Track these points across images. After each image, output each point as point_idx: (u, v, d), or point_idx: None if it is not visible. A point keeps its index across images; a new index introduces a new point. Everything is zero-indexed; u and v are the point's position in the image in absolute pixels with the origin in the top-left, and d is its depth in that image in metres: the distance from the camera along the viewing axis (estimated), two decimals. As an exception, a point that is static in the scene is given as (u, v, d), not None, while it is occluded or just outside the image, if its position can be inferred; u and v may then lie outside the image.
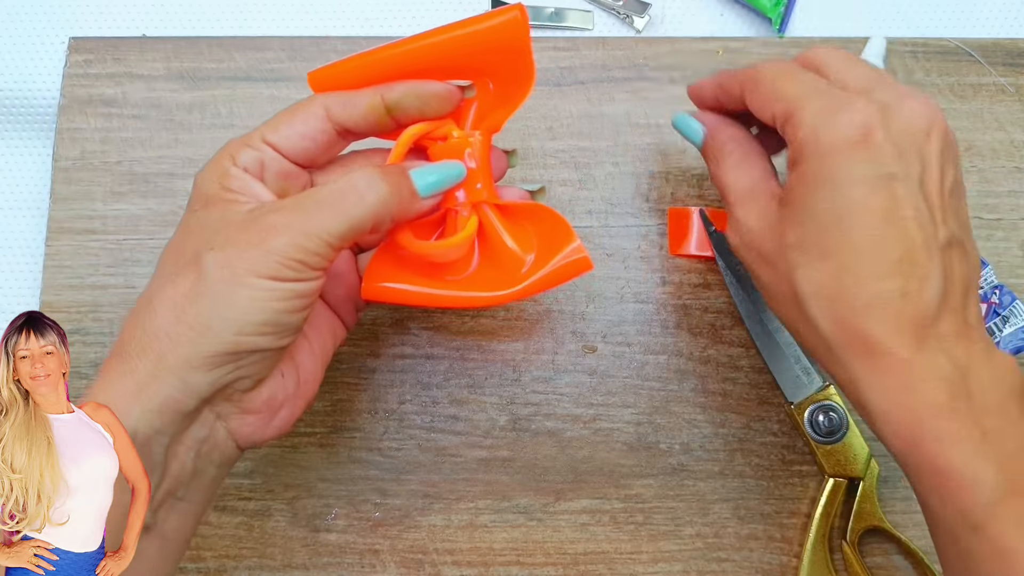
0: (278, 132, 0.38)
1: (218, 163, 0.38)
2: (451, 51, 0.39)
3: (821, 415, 0.47)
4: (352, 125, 0.39)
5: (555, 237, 0.41)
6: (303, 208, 0.35)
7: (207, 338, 0.34)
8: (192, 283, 0.34)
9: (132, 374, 0.34)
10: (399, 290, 0.41)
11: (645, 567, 0.48)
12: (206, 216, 0.37)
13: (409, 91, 0.39)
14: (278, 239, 0.34)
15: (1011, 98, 0.52)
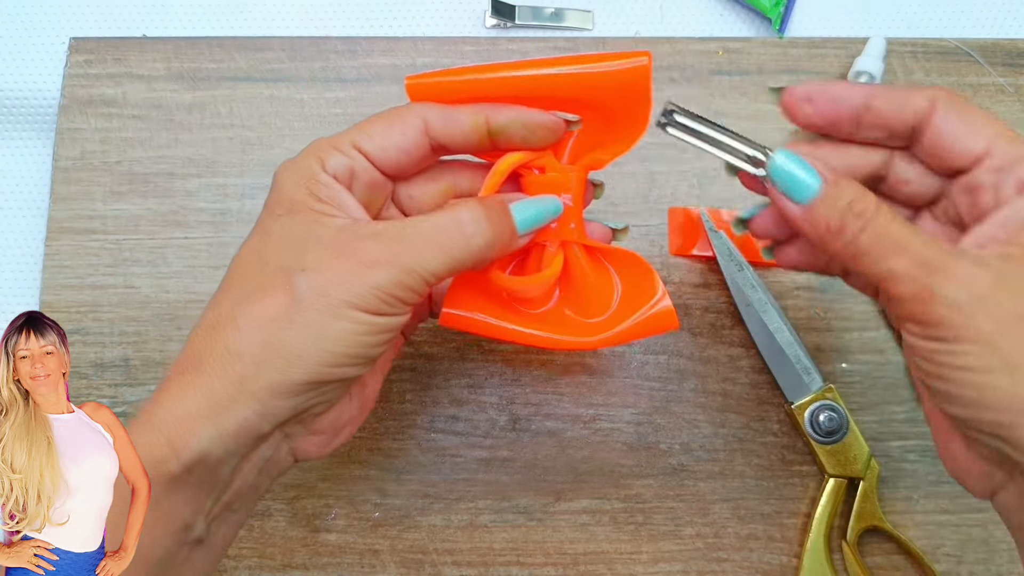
0: (373, 140, 0.36)
1: (306, 166, 0.36)
2: (568, 85, 0.37)
3: (821, 415, 0.47)
4: (449, 142, 0.37)
5: (640, 286, 0.40)
6: (406, 241, 0.34)
7: (296, 367, 0.33)
8: (283, 306, 0.33)
9: (208, 393, 0.33)
10: (479, 321, 0.39)
11: (645, 567, 0.48)
12: (291, 225, 0.35)
13: (517, 119, 0.37)
14: (379, 273, 0.33)
15: (1011, 98, 0.52)
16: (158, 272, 0.50)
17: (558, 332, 0.40)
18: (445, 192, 0.40)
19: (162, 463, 0.32)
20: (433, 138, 0.37)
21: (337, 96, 0.52)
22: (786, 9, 0.53)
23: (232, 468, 0.35)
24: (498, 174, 0.38)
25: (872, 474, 0.47)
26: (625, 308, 0.40)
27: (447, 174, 0.40)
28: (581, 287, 0.40)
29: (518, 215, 0.37)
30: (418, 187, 0.39)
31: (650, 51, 0.37)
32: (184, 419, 0.33)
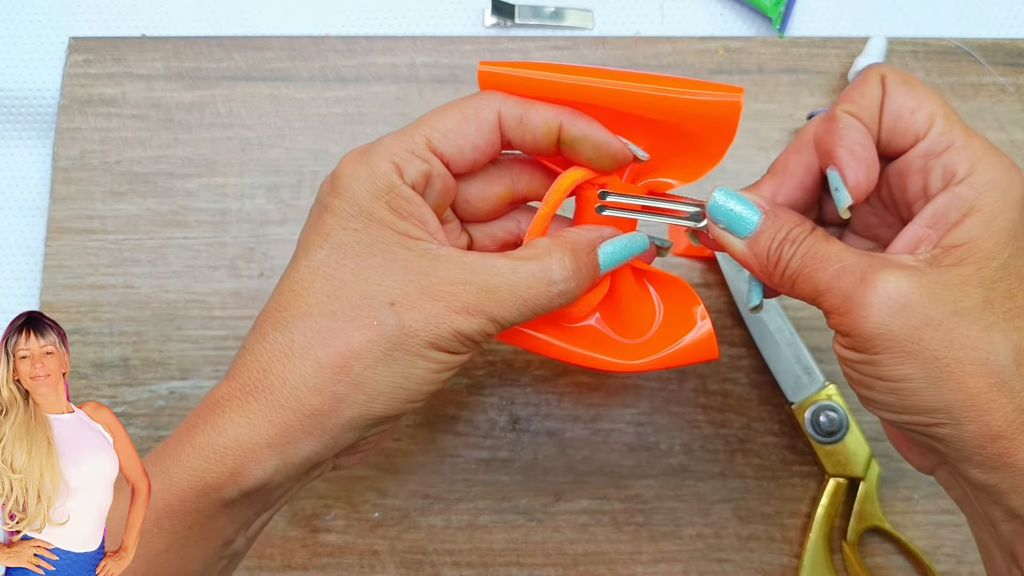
0: (448, 140, 0.34)
1: (381, 173, 0.33)
2: (653, 105, 0.35)
3: (822, 415, 0.47)
4: (518, 143, 0.36)
5: (681, 309, 0.39)
6: (495, 293, 0.33)
7: (378, 403, 0.33)
8: (369, 344, 0.32)
9: (280, 425, 0.32)
10: (525, 335, 0.38)
11: (645, 568, 0.48)
12: (370, 244, 0.33)
13: (590, 137, 0.35)
14: (466, 321, 0.33)
15: (1011, 98, 0.52)
16: (158, 272, 0.50)
17: (597, 350, 0.39)
18: (503, 196, 0.38)
19: (221, 490, 0.32)
20: (504, 135, 0.35)
21: (337, 95, 0.52)
22: (787, 8, 0.53)
23: (284, 491, 0.34)
24: (559, 192, 0.37)
25: (872, 474, 0.47)
26: (666, 332, 0.39)
27: (505, 176, 0.38)
28: (623, 307, 0.39)
29: (604, 252, 0.36)
30: (476, 190, 0.37)
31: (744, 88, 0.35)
32: (250, 449, 0.32)
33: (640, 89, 0.35)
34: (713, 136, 0.36)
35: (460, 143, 0.34)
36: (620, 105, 0.35)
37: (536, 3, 0.54)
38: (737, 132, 0.35)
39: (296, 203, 0.51)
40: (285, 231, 0.50)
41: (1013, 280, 0.32)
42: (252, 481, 0.32)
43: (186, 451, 0.32)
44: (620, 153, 0.36)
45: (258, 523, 0.35)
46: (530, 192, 0.38)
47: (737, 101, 0.35)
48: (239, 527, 0.34)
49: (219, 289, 0.50)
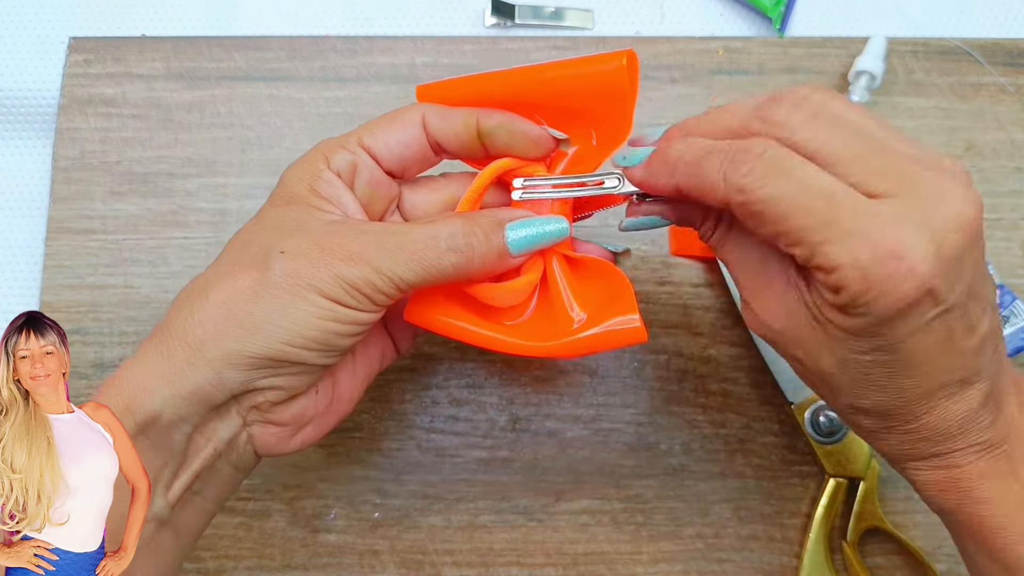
0: (375, 136, 0.38)
1: (311, 163, 0.38)
2: (552, 87, 0.37)
3: (821, 415, 0.47)
4: (445, 142, 0.39)
5: (614, 301, 0.38)
6: (384, 246, 0.35)
7: (255, 339, 0.34)
8: (254, 281, 0.34)
9: (169, 357, 0.34)
10: (445, 322, 0.39)
11: (645, 568, 0.48)
12: (285, 214, 0.37)
13: (503, 124, 0.38)
14: (350, 268, 0.34)
15: (1011, 98, 0.52)
16: (158, 272, 0.50)
17: (524, 338, 0.38)
18: (447, 202, 0.40)
19: None
20: (431, 135, 0.39)
21: (336, 95, 0.52)
22: (787, 8, 0.53)
23: (185, 436, 0.35)
24: (483, 178, 0.39)
25: (872, 474, 0.47)
26: (593, 320, 0.38)
27: (451, 185, 0.41)
28: (554, 298, 0.38)
29: (513, 234, 0.37)
30: (422, 196, 0.40)
31: (634, 50, 0.37)
32: (142, 379, 0.34)
33: (537, 74, 0.37)
34: (614, 104, 0.37)
35: (386, 139, 0.38)
36: (529, 94, 0.38)
37: (536, 3, 0.54)
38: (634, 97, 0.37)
39: (296, 203, 0.51)
40: (285, 231, 0.50)
41: None
42: (144, 411, 0.33)
43: (100, 392, 0.34)
44: (536, 134, 0.38)
45: (178, 486, 0.35)
46: None
47: (618, 65, 0.36)
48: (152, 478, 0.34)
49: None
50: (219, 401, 0.35)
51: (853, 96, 0.50)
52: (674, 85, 0.52)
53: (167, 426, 0.34)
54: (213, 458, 0.36)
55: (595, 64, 0.36)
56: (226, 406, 0.36)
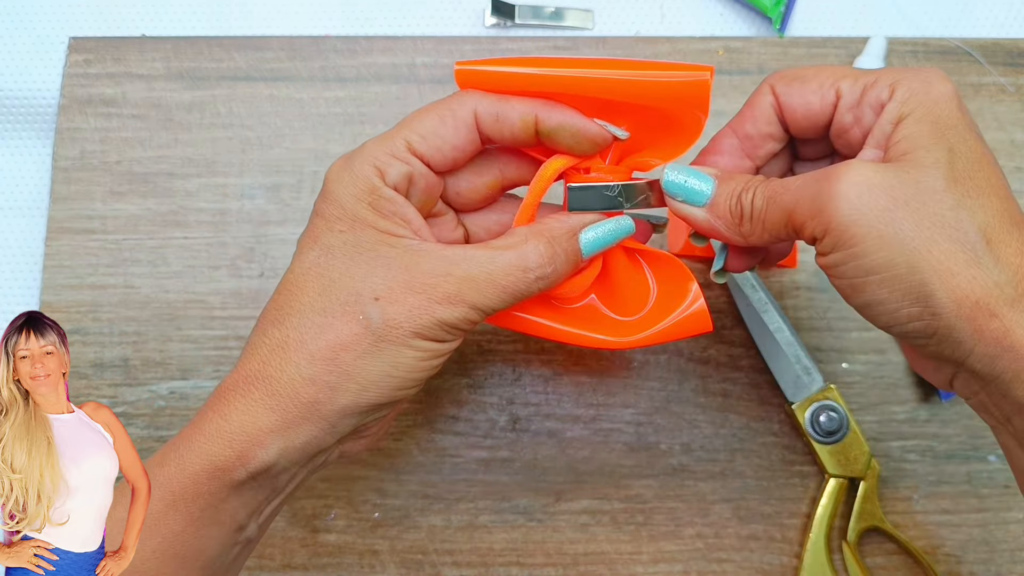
0: (427, 141, 0.36)
1: (364, 178, 0.35)
2: (626, 90, 0.36)
3: (822, 415, 0.47)
4: (499, 139, 0.37)
5: (675, 286, 0.40)
6: (477, 283, 0.35)
7: (369, 392, 0.35)
8: (357, 336, 0.34)
9: (279, 411, 0.34)
10: (516, 317, 0.39)
11: (645, 568, 0.48)
12: (355, 243, 0.35)
13: (567, 125, 0.36)
14: (448, 310, 0.34)
15: (1011, 98, 0.52)
16: (158, 272, 0.50)
17: (592, 330, 0.40)
18: (492, 185, 0.39)
19: (230, 471, 0.34)
20: (483, 133, 0.37)
21: (337, 95, 0.52)
22: (787, 8, 0.53)
23: (291, 476, 0.36)
24: (543, 180, 0.38)
25: (872, 474, 0.47)
26: (660, 309, 0.39)
27: (493, 165, 0.39)
28: (617, 286, 0.40)
29: (586, 240, 0.37)
30: (465, 181, 0.39)
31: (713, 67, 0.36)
32: (254, 433, 0.34)
33: (610, 75, 0.36)
34: (687, 114, 0.37)
35: (439, 144, 0.36)
36: (593, 92, 0.36)
37: (536, 3, 0.54)
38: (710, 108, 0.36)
39: (296, 203, 0.51)
40: (285, 231, 0.50)
41: (965, 162, 0.33)
42: (257, 463, 0.34)
43: (197, 438, 0.34)
44: (599, 136, 0.37)
45: (268, 509, 0.37)
46: (519, 178, 0.40)
47: (704, 79, 0.36)
48: (250, 512, 0.36)
49: (219, 289, 0.50)
50: (329, 444, 0.36)
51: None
52: (674, 85, 0.52)
53: (278, 472, 0.35)
54: (305, 478, 0.38)
55: (678, 72, 0.36)
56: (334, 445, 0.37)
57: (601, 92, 0.36)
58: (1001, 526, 0.48)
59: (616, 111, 0.37)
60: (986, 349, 0.32)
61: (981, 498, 0.49)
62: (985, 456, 0.49)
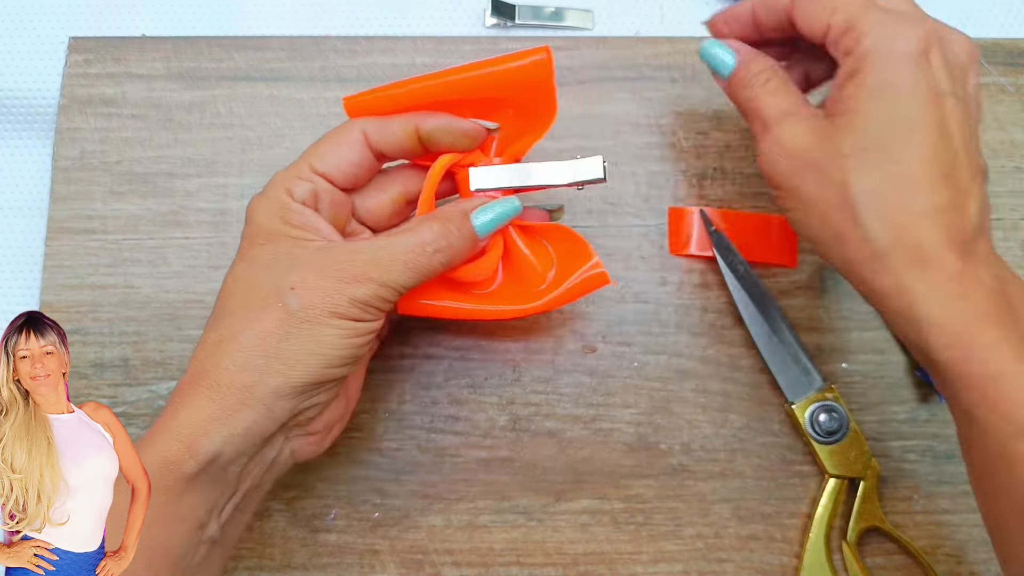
0: (325, 161, 0.41)
1: (274, 198, 0.40)
2: (479, 86, 0.41)
3: (821, 415, 0.47)
4: (388, 151, 0.42)
5: (574, 255, 0.44)
6: (380, 262, 0.38)
7: (297, 371, 0.37)
8: (279, 322, 0.37)
9: (220, 402, 0.37)
10: (433, 306, 0.43)
11: (645, 567, 0.48)
12: (273, 251, 0.39)
13: (442, 126, 0.41)
14: (358, 288, 0.38)
15: (1011, 98, 0.52)
16: (158, 272, 0.50)
17: (506, 304, 0.44)
18: (397, 200, 0.43)
19: (180, 464, 0.36)
20: (374, 148, 0.41)
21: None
22: (786, 9, 0.53)
23: (241, 467, 0.38)
24: (434, 176, 0.42)
25: (872, 474, 0.47)
26: (561, 277, 0.44)
27: (395, 182, 0.44)
28: (521, 265, 0.44)
29: (478, 221, 0.41)
30: (372, 199, 0.43)
31: (549, 47, 0.41)
32: (199, 424, 0.36)
33: (464, 76, 0.41)
34: (539, 95, 0.41)
35: (336, 162, 0.41)
36: (455, 94, 0.41)
37: (536, 3, 0.54)
38: (555, 83, 0.41)
39: (296, 203, 0.51)
40: (285, 231, 0.50)
41: (889, 133, 0.38)
42: (204, 453, 0.36)
43: (150, 438, 0.37)
44: (473, 131, 0.42)
45: (228, 508, 0.38)
46: (419, 191, 0.43)
47: (542, 59, 0.40)
48: (209, 509, 0.37)
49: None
50: (271, 432, 0.38)
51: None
52: (674, 85, 0.52)
53: (225, 463, 0.37)
54: (260, 477, 0.40)
55: (518, 59, 0.41)
56: (275, 433, 0.39)
57: (461, 92, 0.41)
58: (1001, 526, 0.48)
59: (486, 110, 0.42)
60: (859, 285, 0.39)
61: (981, 498, 0.49)
62: (985, 456, 0.49)
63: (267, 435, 0.38)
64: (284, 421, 0.38)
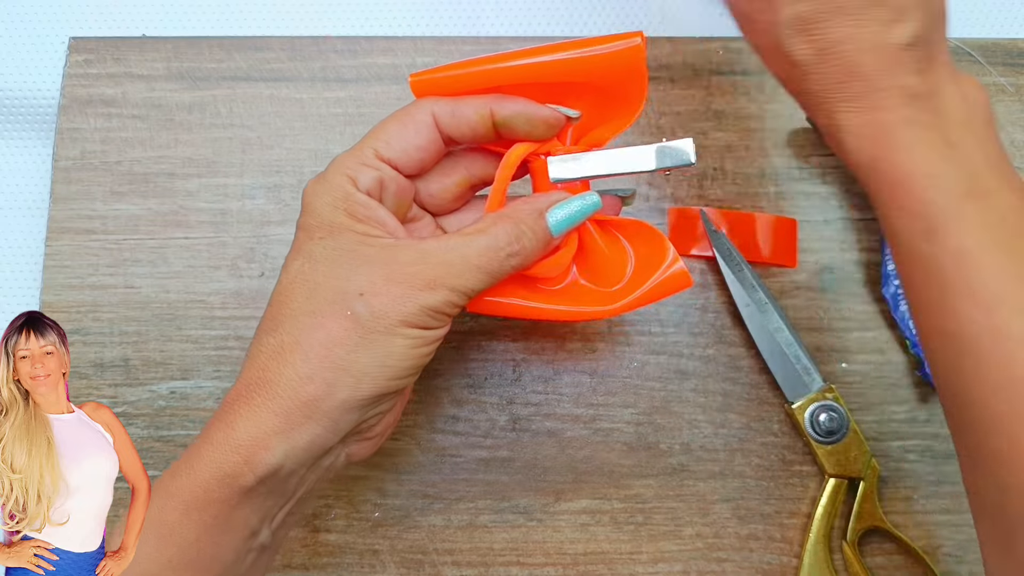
0: (392, 146, 0.38)
1: (337, 186, 0.37)
2: (567, 70, 0.38)
3: (821, 415, 0.47)
4: (459, 136, 0.39)
5: (652, 251, 0.41)
6: (451, 265, 0.36)
7: (365, 384, 0.35)
8: (346, 331, 0.35)
9: (283, 414, 0.35)
10: (503, 304, 0.41)
11: (645, 567, 0.48)
12: (335, 247, 0.37)
13: (520, 113, 0.38)
14: (429, 295, 0.36)
15: (1011, 98, 0.52)
16: (158, 272, 0.50)
17: (578, 305, 0.41)
18: (461, 184, 0.41)
19: (238, 477, 0.34)
20: (443, 132, 0.38)
21: (337, 96, 0.52)
22: (786, 9, 0.53)
23: (299, 479, 0.37)
24: (508, 167, 0.39)
25: (872, 474, 0.47)
26: (640, 275, 0.41)
27: (460, 166, 0.41)
28: (596, 260, 0.41)
29: (553, 219, 0.38)
30: (436, 183, 0.41)
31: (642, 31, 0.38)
32: (259, 437, 0.34)
33: (550, 59, 0.38)
34: (628, 82, 0.39)
35: (403, 146, 0.38)
36: (538, 77, 0.38)
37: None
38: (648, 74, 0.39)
39: (296, 203, 0.50)
40: (285, 231, 0.50)
41: None
42: (264, 467, 0.34)
43: (205, 448, 0.35)
44: (552, 118, 0.39)
45: (281, 515, 0.37)
46: (485, 175, 0.41)
47: (637, 45, 0.38)
48: (262, 518, 0.36)
49: (220, 289, 0.50)
50: (333, 444, 0.36)
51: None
52: (674, 85, 0.52)
53: (285, 475, 0.35)
54: (316, 483, 0.38)
55: (609, 44, 0.38)
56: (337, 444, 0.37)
57: (547, 76, 0.38)
58: (1001, 526, 0.48)
59: (564, 94, 0.39)
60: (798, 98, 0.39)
61: (981, 498, 0.49)
62: (985, 456, 0.49)
63: (329, 447, 0.36)
64: (347, 433, 0.37)
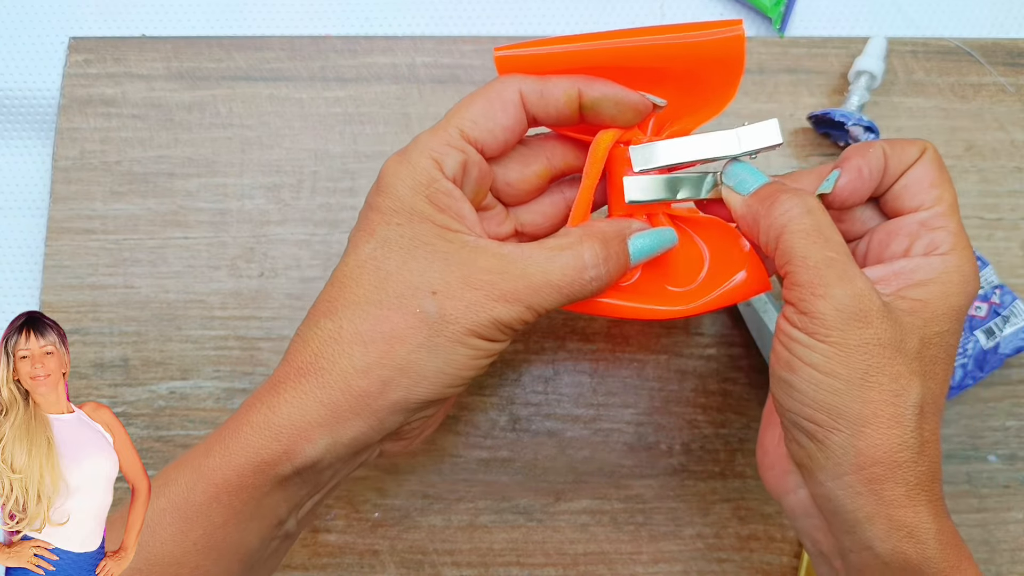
0: (478, 125, 0.36)
1: (422, 169, 0.35)
2: (658, 55, 0.37)
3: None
4: (544, 117, 0.37)
5: (727, 252, 0.40)
6: (533, 283, 0.35)
7: (420, 387, 0.34)
8: (412, 329, 0.34)
9: (331, 406, 0.34)
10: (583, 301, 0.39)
11: (645, 567, 0.48)
12: (411, 236, 0.35)
13: (609, 96, 0.37)
14: (504, 309, 0.34)
15: (1011, 98, 0.52)
16: (158, 272, 0.50)
17: (652, 303, 0.39)
18: (541, 174, 0.40)
19: (275, 466, 0.33)
20: (529, 112, 0.37)
21: (337, 95, 0.52)
22: (787, 8, 0.53)
23: (334, 471, 0.36)
24: (597, 161, 0.38)
25: (872, 474, 0.47)
26: (716, 274, 0.39)
27: (540, 155, 0.40)
28: (669, 257, 0.40)
29: (634, 246, 0.37)
30: (515, 172, 0.39)
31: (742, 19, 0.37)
32: (302, 427, 0.33)
33: (646, 42, 0.36)
34: (723, 72, 0.37)
35: (490, 127, 0.36)
36: (630, 61, 0.37)
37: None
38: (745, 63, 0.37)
39: (296, 203, 0.51)
40: (285, 231, 0.50)
41: (940, 349, 0.35)
42: (304, 459, 0.33)
43: (244, 429, 0.34)
44: (641, 104, 0.37)
45: (309, 504, 0.36)
46: (565, 165, 0.40)
47: (738, 34, 0.36)
48: (291, 507, 0.35)
49: (219, 289, 0.50)
50: (375, 441, 0.35)
51: (853, 96, 0.50)
52: (674, 85, 0.52)
53: (323, 468, 0.35)
54: (346, 477, 0.37)
55: (709, 32, 0.37)
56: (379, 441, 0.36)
57: (639, 60, 0.37)
58: (1001, 526, 0.48)
59: (650, 80, 0.37)
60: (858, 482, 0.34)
61: (981, 498, 0.49)
62: (985, 456, 0.49)
63: (371, 444, 0.35)
64: (391, 432, 0.35)
